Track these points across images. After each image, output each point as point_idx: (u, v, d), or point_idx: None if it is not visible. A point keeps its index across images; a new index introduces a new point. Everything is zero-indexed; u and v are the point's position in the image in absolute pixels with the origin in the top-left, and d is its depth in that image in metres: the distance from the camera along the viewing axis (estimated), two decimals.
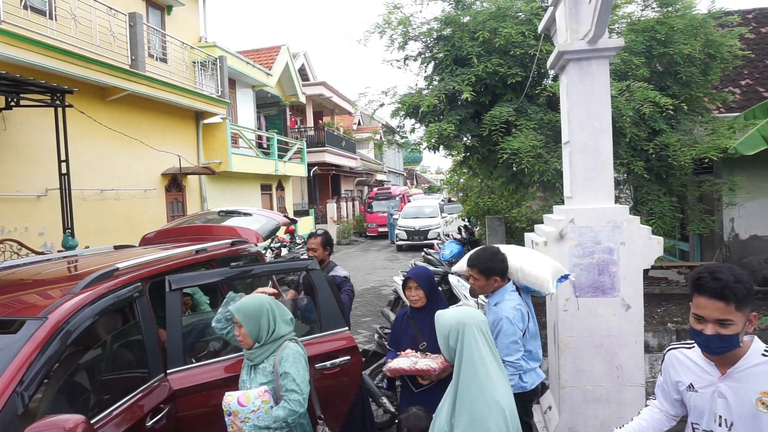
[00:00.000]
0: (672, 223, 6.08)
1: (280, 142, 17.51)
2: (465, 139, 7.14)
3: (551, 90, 6.26)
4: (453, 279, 7.09)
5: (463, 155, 8.10)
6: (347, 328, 3.39)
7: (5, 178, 7.79)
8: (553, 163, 5.59)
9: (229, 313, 2.66)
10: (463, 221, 11.54)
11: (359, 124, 33.85)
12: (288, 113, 20.85)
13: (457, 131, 6.42)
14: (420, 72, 7.34)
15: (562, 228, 3.67)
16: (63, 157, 7.35)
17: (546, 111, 6.28)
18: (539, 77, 6.65)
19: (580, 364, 3.75)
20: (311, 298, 3.44)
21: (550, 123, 6.04)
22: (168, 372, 2.75)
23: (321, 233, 4.40)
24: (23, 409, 1.98)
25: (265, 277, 4.34)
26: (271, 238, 11.80)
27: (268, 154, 16.63)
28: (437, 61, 6.92)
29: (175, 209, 12.15)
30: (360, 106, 8.07)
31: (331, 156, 23.06)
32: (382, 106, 7.51)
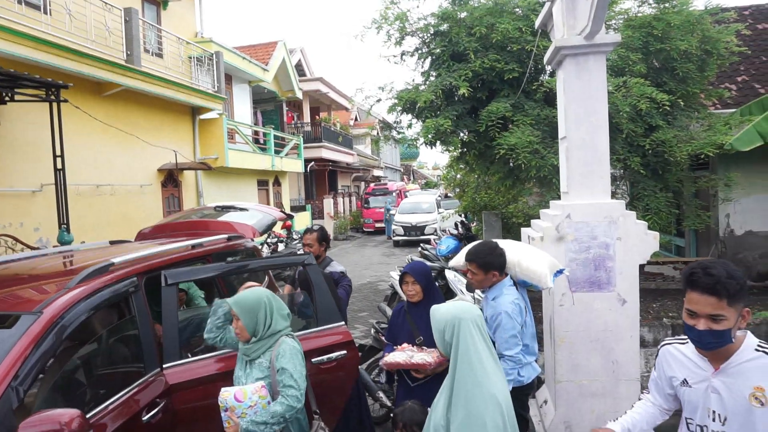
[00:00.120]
0: (668, 218, 6.11)
1: (276, 137, 17.46)
2: (462, 135, 7.14)
3: (548, 86, 6.26)
4: (450, 274, 7.11)
5: (459, 151, 8.10)
6: (344, 322, 3.39)
7: (0, 173, 7.76)
8: (550, 158, 5.60)
9: (220, 321, 2.66)
10: (460, 217, 11.54)
11: (356, 119, 33.78)
12: (285, 109, 20.79)
13: (453, 127, 6.42)
14: (417, 68, 7.33)
15: (559, 223, 3.68)
16: (58, 153, 7.31)
17: (543, 107, 6.29)
18: (536, 73, 6.64)
19: (576, 358, 3.76)
20: (307, 293, 3.44)
21: (547, 119, 6.05)
22: (164, 367, 2.76)
23: (317, 229, 4.39)
24: (18, 404, 1.97)
25: (261, 272, 4.34)
26: (267, 234, 11.83)
27: (264, 150, 16.59)
28: (434, 57, 6.91)
29: (171, 205, 12.11)
30: (357, 102, 8.07)
31: (327, 152, 23.01)
32: (379, 101, 7.50)
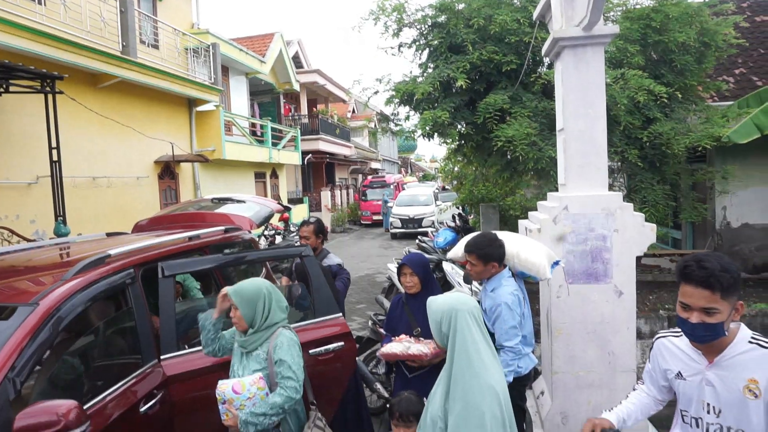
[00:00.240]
0: (665, 210, 6.12)
1: (273, 129, 17.39)
2: (459, 127, 7.13)
3: (546, 78, 6.25)
4: (447, 266, 7.11)
5: (457, 143, 8.09)
6: (341, 314, 3.39)
7: None
8: (548, 150, 5.60)
9: (211, 333, 2.60)
10: (458, 209, 11.55)
11: (353, 111, 33.69)
12: (282, 101, 20.70)
13: (451, 119, 6.41)
14: (414, 59, 7.31)
15: (556, 215, 3.68)
16: (54, 145, 7.28)
17: (541, 99, 6.28)
18: (534, 65, 6.63)
19: (572, 350, 3.78)
20: (305, 284, 3.44)
21: (545, 111, 6.04)
22: (161, 358, 2.76)
23: (313, 221, 4.38)
24: (15, 395, 1.97)
25: (258, 264, 4.34)
26: (265, 226, 11.81)
27: (261, 142, 16.53)
28: (432, 49, 6.89)
29: (168, 197, 12.08)
30: (354, 94, 8.06)
31: (325, 144, 22.95)
32: (376, 93, 7.48)
